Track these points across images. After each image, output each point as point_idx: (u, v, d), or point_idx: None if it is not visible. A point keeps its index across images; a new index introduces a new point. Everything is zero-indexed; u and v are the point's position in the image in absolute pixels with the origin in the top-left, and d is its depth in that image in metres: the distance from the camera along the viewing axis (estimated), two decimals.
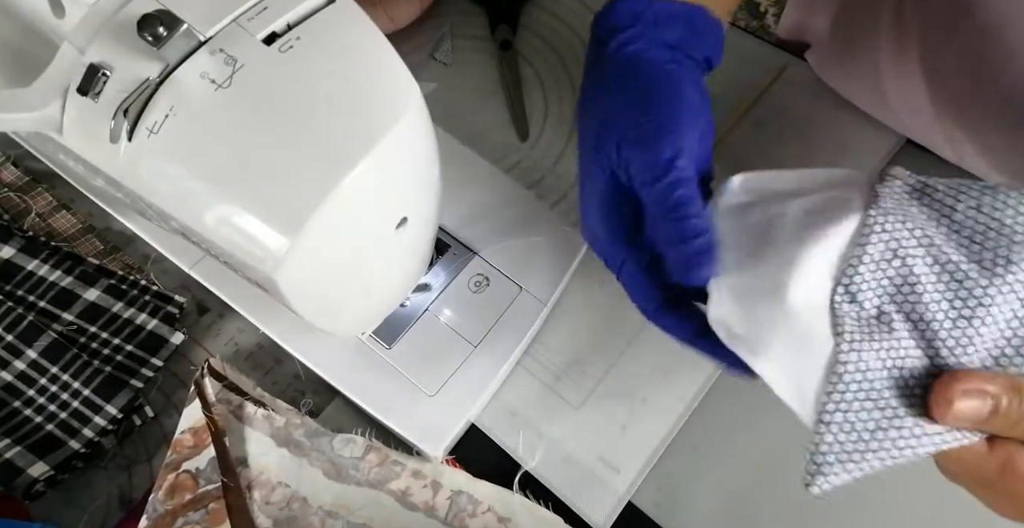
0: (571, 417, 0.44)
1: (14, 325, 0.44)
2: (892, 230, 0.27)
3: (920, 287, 0.27)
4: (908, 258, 0.27)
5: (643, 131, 0.31)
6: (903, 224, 0.27)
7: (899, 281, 0.27)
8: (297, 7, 0.28)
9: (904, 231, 0.27)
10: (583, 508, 0.42)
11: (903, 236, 0.27)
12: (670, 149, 0.30)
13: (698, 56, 0.35)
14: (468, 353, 0.43)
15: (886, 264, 0.27)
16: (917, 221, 0.28)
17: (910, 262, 0.27)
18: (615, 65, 0.33)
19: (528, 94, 0.55)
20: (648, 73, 0.33)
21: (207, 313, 0.48)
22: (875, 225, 0.27)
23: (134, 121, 0.27)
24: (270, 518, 0.41)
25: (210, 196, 0.28)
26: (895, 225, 0.27)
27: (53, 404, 0.43)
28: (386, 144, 0.27)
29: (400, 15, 0.55)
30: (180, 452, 0.41)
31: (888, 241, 0.27)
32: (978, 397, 0.24)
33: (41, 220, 0.49)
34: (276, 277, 0.29)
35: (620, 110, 0.32)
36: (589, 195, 0.34)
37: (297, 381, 0.46)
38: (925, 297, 0.26)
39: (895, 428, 0.26)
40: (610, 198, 0.33)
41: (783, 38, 0.57)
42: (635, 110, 0.32)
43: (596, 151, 0.33)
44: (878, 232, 0.27)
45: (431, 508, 0.41)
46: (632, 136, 0.31)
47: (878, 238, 0.27)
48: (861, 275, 0.27)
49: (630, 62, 0.33)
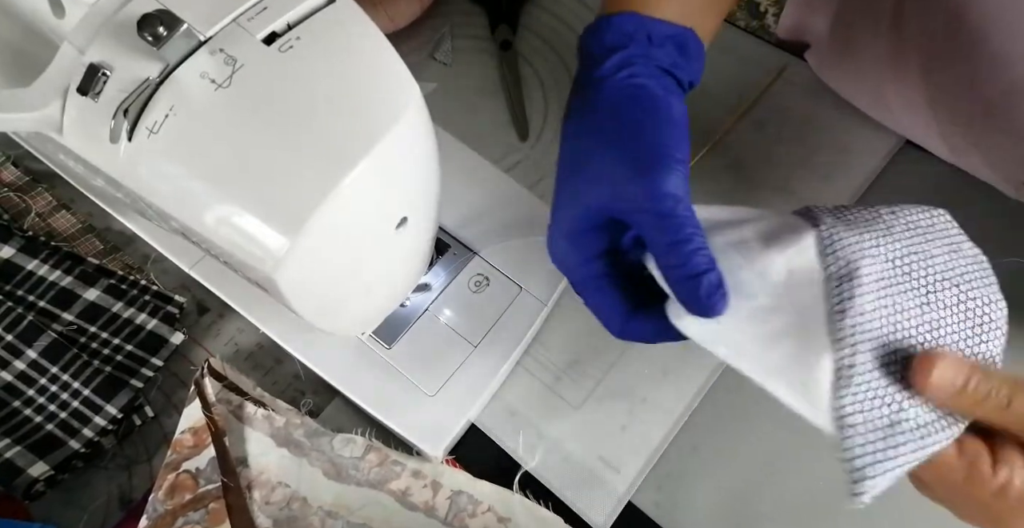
0: (571, 417, 0.44)
1: (14, 325, 0.44)
2: (852, 238, 0.29)
3: (903, 284, 0.28)
4: (876, 257, 0.28)
5: (643, 163, 0.30)
6: (855, 232, 0.29)
7: (884, 282, 0.28)
8: (297, 7, 0.28)
9: (863, 236, 0.29)
10: (583, 508, 0.42)
11: (863, 239, 0.29)
12: (672, 182, 0.30)
13: (684, 79, 0.34)
14: (468, 353, 0.43)
15: (869, 262, 0.28)
16: (861, 228, 0.30)
17: (879, 262, 0.28)
18: (609, 90, 0.33)
19: (528, 94, 0.55)
20: (644, 101, 0.32)
21: (207, 313, 0.48)
22: (835, 235, 0.29)
23: (134, 121, 0.27)
24: (270, 518, 0.41)
25: (210, 196, 0.28)
26: (850, 234, 0.29)
27: (53, 404, 0.43)
28: (386, 144, 0.27)
29: (400, 15, 0.55)
30: (180, 452, 0.41)
31: (856, 245, 0.29)
32: (953, 369, 0.26)
33: (41, 220, 0.49)
34: (276, 277, 0.29)
35: (616, 139, 0.32)
36: (565, 218, 0.33)
37: (297, 381, 0.46)
38: (909, 293, 0.28)
39: (904, 421, 0.26)
40: (589, 221, 0.32)
41: (782, 38, 0.57)
42: (633, 140, 0.31)
43: (586, 179, 0.32)
44: (840, 240, 0.29)
45: (431, 508, 0.41)
46: (632, 168, 0.30)
47: (846, 243, 0.29)
48: (854, 279, 0.28)
49: (624, 88, 0.33)
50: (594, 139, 0.32)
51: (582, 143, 0.33)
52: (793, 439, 0.43)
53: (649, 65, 0.33)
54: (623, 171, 0.30)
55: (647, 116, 0.32)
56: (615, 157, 0.31)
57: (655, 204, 0.29)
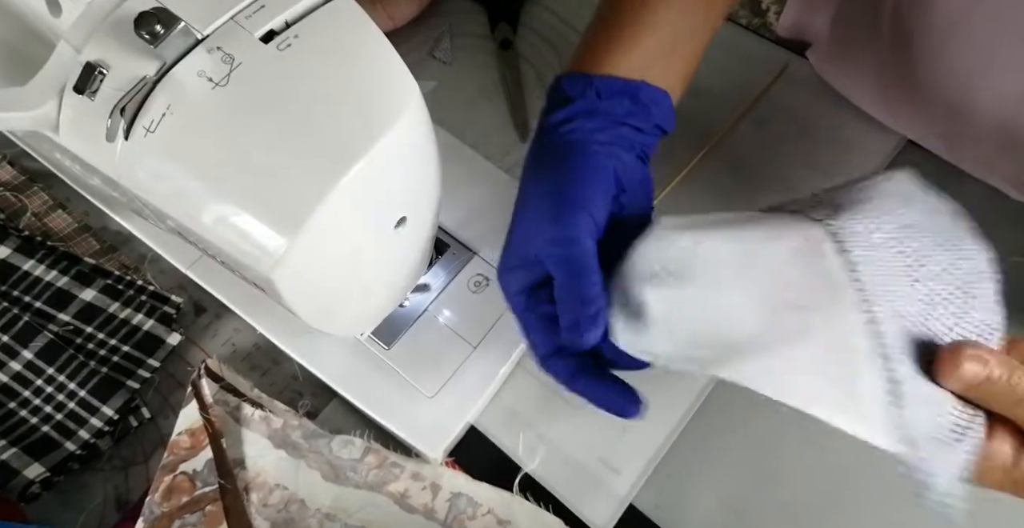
0: (571, 418, 0.44)
1: (9, 326, 0.44)
2: (860, 227, 0.29)
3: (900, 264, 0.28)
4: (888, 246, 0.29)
5: (556, 212, 0.34)
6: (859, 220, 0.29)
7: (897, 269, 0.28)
8: (295, 5, 0.28)
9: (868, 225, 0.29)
10: (584, 510, 0.42)
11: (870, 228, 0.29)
12: (579, 230, 0.33)
13: (646, 126, 0.37)
14: (468, 354, 0.43)
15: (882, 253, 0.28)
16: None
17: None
18: (548, 140, 0.36)
19: (528, 94, 0.54)
20: (573, 155, 0.35)
21: (204, 313, 0.48)
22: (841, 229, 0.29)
23: (131, 120, 0.26)
24: (268, 520, 0.41)
25: (207, 195, 0.27)
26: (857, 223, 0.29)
27: (49, 405, 0.43)
28: (385, 143, 0.27)
29: (399, 13, 0.55)
30: (177, 454, 0.41)
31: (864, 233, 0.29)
32: (978, 362, 0.26)
33: (37, 220, 0.49)
34: (274, 277, 0.28)
35: (543, 187, 0.35)
36: (504, 252, 0.36)
37: (295, 382, 0.46)
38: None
39: (949, 421, 0.26)
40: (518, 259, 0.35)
41: (783, 36, 0.57)
42: (553, 190, 0.35)
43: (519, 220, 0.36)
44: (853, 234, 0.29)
45: (430, 510, 0.41)
46: (548, 215, 0.34)
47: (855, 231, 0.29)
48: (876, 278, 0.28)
49: (561, 142, 0.36)
50: (531, 184, 0.36)
51: (525, 186, 0.37)
52: (793, 441, 0.43)
53: (597, 119, 0.36)
54: (542, 217, 0.34)
55: (571, 170, 0.35)
56: (538, 203, 0.35)
57: (559, 249, 0.33)
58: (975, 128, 0.43)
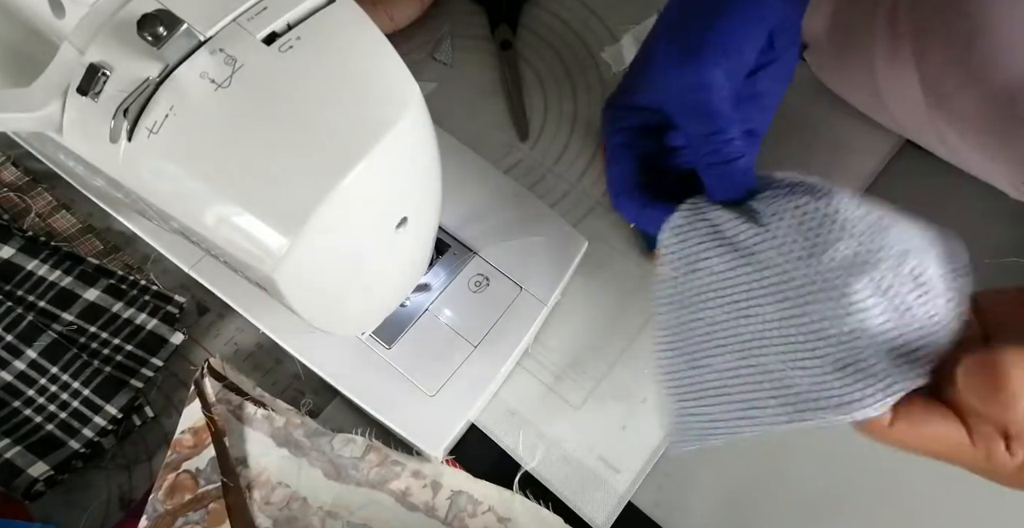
0: (571, 417, 0.44)
1: (14, 325, 0.44)
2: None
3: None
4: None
5: (690, 45, 0.30)
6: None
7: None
8: (297, 7, 0.28)
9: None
10: (583, 508, 0.42)
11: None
12: (712, 72, 0.29)
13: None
14: (468, 353, 0.43)
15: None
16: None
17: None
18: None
19: (528, 94, 0.55)
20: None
21: (207, 313, 0.48)
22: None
23: (134, 121, 0.27)
24: (270, 518, 0.41)
25: (210, 196, 0.28)
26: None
27: (53, 404, 0.43)
28: (386, 144, 0.27)
29: (400, 15, 0.55)
30: (180, 452, 0.41)
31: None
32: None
33: (41, 220, 0.49)
34: (276, 277, 0.29)
35: (679, 24, 0.31)
36: (618, 92, 0.34)
37: (297, 381, 0.46)
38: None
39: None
40: (631, 100, 0.33)
41: None
42: (692, 26, 0.31)
43: (643, 61, 0.33)
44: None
45: (431, 508, 0.41)
46: (677, 56, 0.30)
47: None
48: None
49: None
50: (662, 24, 0.32)
51: (656, 28, 0.33)
52: (793, 439, 0.43)
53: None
54: (670, 59, 0.30)
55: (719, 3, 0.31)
56: (669, 42, 0.31)
57: (687, 95, 0.29)
58: (975, 127, 0.43)
